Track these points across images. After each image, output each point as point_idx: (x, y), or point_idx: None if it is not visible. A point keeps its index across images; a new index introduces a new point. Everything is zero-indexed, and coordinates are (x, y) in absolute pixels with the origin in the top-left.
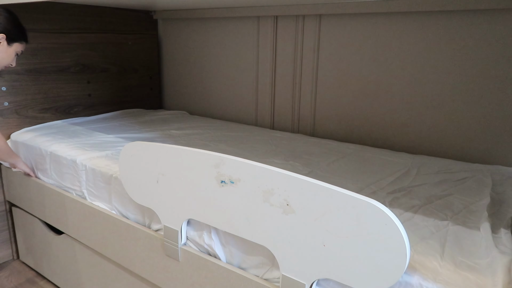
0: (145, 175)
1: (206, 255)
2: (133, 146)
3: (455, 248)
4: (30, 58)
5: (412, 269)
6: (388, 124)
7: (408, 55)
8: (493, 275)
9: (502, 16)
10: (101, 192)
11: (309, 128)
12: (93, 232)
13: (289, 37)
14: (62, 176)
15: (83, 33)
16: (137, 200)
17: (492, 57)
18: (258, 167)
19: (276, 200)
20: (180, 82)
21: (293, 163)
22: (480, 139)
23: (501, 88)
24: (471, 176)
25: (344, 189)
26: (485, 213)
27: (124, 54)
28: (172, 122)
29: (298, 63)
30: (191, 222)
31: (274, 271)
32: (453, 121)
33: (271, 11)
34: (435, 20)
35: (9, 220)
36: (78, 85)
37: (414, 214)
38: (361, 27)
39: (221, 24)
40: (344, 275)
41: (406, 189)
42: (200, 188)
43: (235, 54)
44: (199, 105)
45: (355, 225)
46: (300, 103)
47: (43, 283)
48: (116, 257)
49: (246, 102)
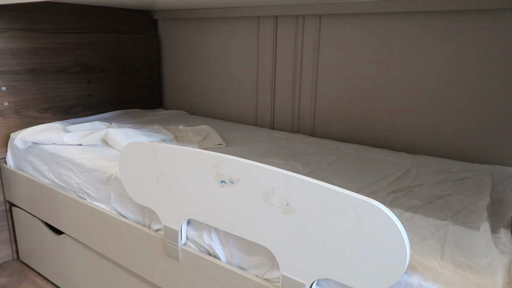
0: (145, 175)
1: (206, 255)
2: (133, 146)
3: (455, 248)
4: (30, 58)
5: (412, 269)
6: (388, 124)
7: (408, 55)
8: (493, 275)
9: (502, 16)
10: (100, 192)
11: (309, 128)
12: (93, 232)
13: (289, 37)
14: (61, 177)
15: (83, 33)
16: (137, 200)
17: (492, 57)
18: (258, 167)
19: (276, 200)
20: (180, 82)
21: (293, 163)
22: (480, 139)
23: (501, 88)
24: (471, 176)
25: (344, 189)
26: (485, 213)
27: (124, 54)
28: (172, 122)
29: (298, 63)
30: (191, 222)
31: (274, 271)
32: (453, 121)
33: (271, 11)
34: (435, 20)
35: (9, 220)
36: (78, 85)
37: (414, 214)
38: (361, 27)
39: (221, 24)
40: (344, 275)
41: (406, 189)
42: (200, 188)
43: (235, 54)
44: (199, 105)
45: (355, 225)
46: (300, 103)
47: (43, 283)
48: (116, 257)
49: (246, 102)
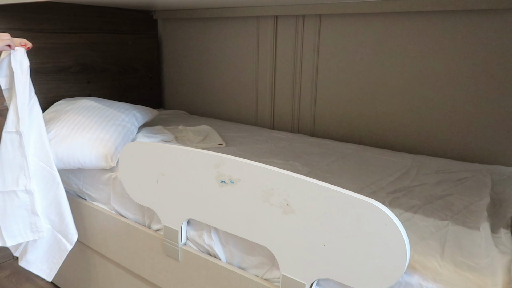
0: (145, 175)
1: (206, 255)
2: (133, 146)
3: (455, 248)
4: (30, 58)
5: (412, 269)
6: (388, 124)
7: (408, 55)
8: (493, 275)
9: (502, 16)
10: (100, 192)
11: (309, 128)
12: (93, 232)
13: (289, 37)
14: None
15: (83, 33)
16: (137, 200)
17: (492, 57)
18: (258, 167)
19: (276, 200)
20: (180, 82)
21: (293, 163)
22: (480, 139)
23: (501, 88)
24: (471, 176)
25: (344, 189)
26: (485, 213)
27: (124, 54)
28: (172, 122)
29: (298, 63)
30: (191, 222)
31: (274, 271)
32: (453, 121)
33: (271, 11)
34: (435, 20)
35: None
36: (78, 85)
37: (414, 214)
38: (361, 27)
39: (221, 24)
40: (344, 275)
41: (406, 189)
42: (200, 188)
43: (235, 54)
44: (199, 105)
45: (355, 225)
46: (300, 103)
47: (43, 283)
48: (116, 257)
49: (246, 102)
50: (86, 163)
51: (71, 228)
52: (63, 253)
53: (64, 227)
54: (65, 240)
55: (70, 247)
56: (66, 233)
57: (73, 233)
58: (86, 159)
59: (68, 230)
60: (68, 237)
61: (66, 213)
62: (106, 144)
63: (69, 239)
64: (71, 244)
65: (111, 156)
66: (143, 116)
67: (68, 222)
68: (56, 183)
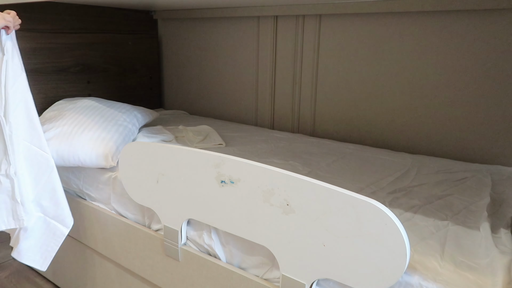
0: (145, 175)
1: (206, 255)
2: (133, 146)
3: (455, 248)
4: (30, 58)
5: (412, 269)
6: (388, 124)
7: (408, 55)
8: (493, 275)
9: (502, 16)
10: (100, 192)
11: (309, 128)
12: (93, 232)
13: (289, 37)
14: (61, 177)
15: (83, 33)
16: (137, 200)
17: (492, 57)
18: (258, 167)
19: (276, 200)
20: (180, 82)
21: (293, 163)
22: (480, 139)
23: (501, 88)
24: (471, 176)
25: (344, 189)
26: (485, 213)
27: (124, 54)
28: (172, 122)
29: (298, 63)
30: (191, 222)
31: (274, 271)
32: (453, 121)
33: (271, 11)
34: (435, 20)
35: None
36: (78, 85)
37: (414, 214)
38: (361, 27)
39: (221, 24)
40: (344, 275)
41: (406, 189)
42: (200, 188)
43: (235, 54)
44: (199, 105)
45: (355, 225)
46: (300, 103)
47: (43, 283)
48: (116, 257)
49: (246, 102)
50: (87, 161)
51: (67, 213)
52: (59, 239)
53: (60, 211)
54: (61, 225)
55: (67, 230)
56: (63, 217)
57: (69, 217)
58: (87, 157)
59: (64, 215)
60: (65, 222)
61: (61, 197)
62: (107, 143)
63: (65, 223)
64: (68, 227)
65: (111, 155)
66: (144, 117)
67: (64, 207)
68: (50, 167)
